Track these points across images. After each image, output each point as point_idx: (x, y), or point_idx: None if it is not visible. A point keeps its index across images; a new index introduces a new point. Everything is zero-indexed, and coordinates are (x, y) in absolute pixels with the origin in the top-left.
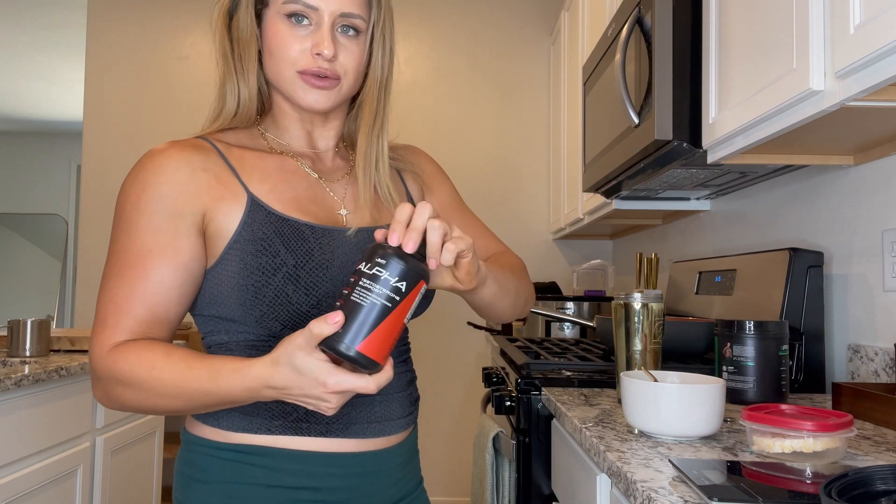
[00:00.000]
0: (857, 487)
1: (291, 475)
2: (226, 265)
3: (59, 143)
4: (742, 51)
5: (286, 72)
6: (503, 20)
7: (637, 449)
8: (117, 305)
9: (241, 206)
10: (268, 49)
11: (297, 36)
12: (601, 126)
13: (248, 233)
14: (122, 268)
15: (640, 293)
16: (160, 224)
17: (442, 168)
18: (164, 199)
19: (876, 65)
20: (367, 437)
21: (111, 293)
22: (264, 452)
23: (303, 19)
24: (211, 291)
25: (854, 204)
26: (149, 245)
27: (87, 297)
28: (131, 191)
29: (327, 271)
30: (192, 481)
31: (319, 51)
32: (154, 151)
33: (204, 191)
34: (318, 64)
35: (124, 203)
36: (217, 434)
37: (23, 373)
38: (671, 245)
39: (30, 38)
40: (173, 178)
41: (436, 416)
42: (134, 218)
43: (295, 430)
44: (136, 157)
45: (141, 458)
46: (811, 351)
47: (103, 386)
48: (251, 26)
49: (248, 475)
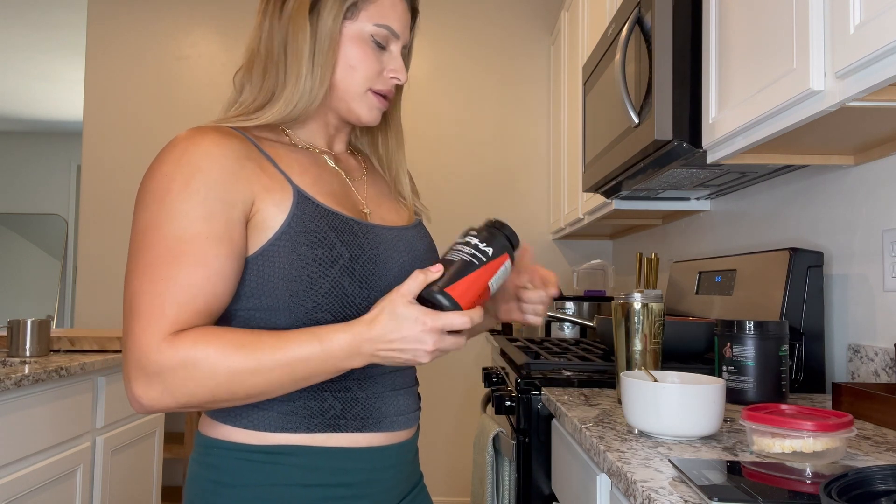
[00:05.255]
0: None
1: (327, 473)
2: (274, 255)
3: (59, 143)
4: (742, 51)
5: (359, 88)
6: (503, 20)
7: (637, 449)
8: (174, 295)
9: (289, 198)
10: (349, 62)
11: (377, 58)
12: (601, 126)
13: (298, 224)
14: (176, 255)
15: (640, 293)
16: (214, 210)
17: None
18: (216, 185)
19: (876, 65)
20: (395, 430)
21: (164, 282)
22: (301, 452)
23: (384, 45)
24: (254, 281)
25: (854, 204)
26: (204, 232)
27: (87, 297)
28: (176, 175)
29: (376, 266)
30: (221, 486)
31: (397, 76)
32: (195, 135)
33: (253, 179)
34: (389, 86)
35: (167, 187)
36: (249, 436)
37: (23, 373)
38: (671, 245)
39: (30, 38)
40: (223, 165)
41: (436, 416)
42: (183, 203)
43: (333, 426)
44: (136, 157)
45: (141, 458)
46: (811, 351)
47: (165, 380)
48: (338, 34)
49: (283, 476)
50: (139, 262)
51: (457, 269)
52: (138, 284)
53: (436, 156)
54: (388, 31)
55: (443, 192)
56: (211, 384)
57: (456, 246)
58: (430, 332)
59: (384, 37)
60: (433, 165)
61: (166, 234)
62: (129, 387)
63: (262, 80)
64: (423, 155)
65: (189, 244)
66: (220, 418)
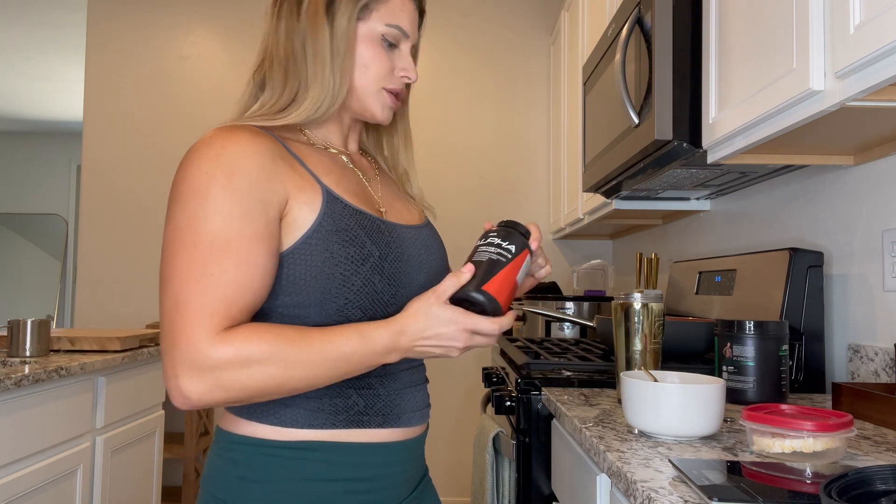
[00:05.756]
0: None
1: (349, 468)
2: (305, 254)
3: (59, 143)
4: (742, 51)
5: (373, 87)
6: (503, 20)
7: (637, 449)
8: (224, 292)
9: (319, 197)
10: (363, 62)
11: (389, 57)
12: (601, 126)
13: (329, 223)
14: (221, 252)
15: (640, 293)
16: (254, 208)
17: None
18: (255, 183)
19: (876, 65)
20: (412, 426)
21: (212, 279)
22: (324, 447)
23: (394, 44)
24: (286, 278)
25: (854, 204)
26: (247, 230)
27: (87, 297)
28: (215, 172)
29: (402, 264)
30: (245, 481)
31: (407, 75)
32: (230, 133)
33: (287, 178)
34: (401, 85)
35: (208, 184)
36: (274, 432)
37: (23, 373)
38: (671, 245)
39: (30, 38)
40: (260, 163)
41: (436, 415)
42: (225, 200)
43: (357, 422)
44: (136, 157)
45: (141, 458)
46: (811, 351)
47: (218, 376)
48: (353, 34)
49: (307, 471)
50: (181, 258)
51: (487, 267)
52: (183, 281)
53: (435, 155)
54: (398, 31)
55: (443, 191)
56: (264, 378)
57: (479, 248)
58: (463, 331)
59: (395, 36)
60: (433, 165)
61: (209, 231)
62: (175, 383)
63: (283, 81)
64: (423, 155)
65: (234, 242)
66: (244, 415)
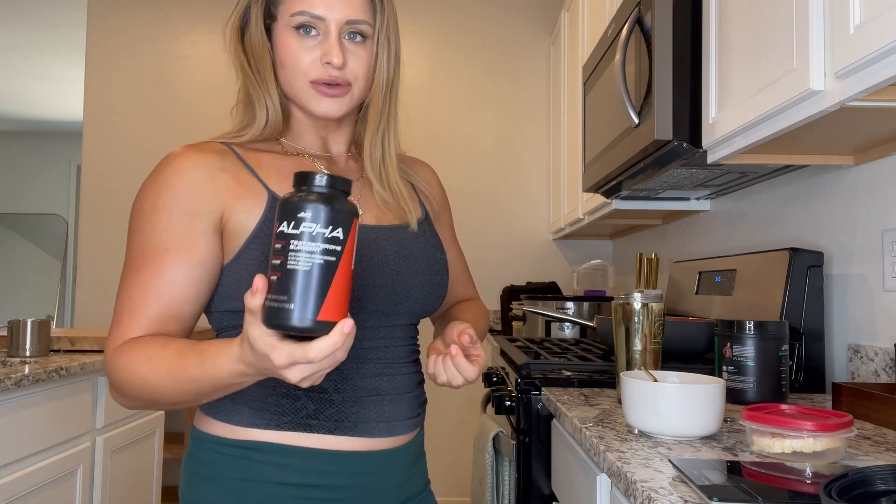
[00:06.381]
0: (857, 487)
1: (299, 472)
2: (245, 260)
3: (59, 143)
4: (742, 51)
5: (299, 83)
6: (503, 20)
7: (637, 449)
8: (132, 304)
9: (262, 204)
10: (280, 62)
11: (306, 47)
12: (601, 126)
13: (268, 228)
14: (138, 267)
15: (640, 293)
16: (177, 223)
17: (445, 192)
18: (181, 198)
19: (876, 65)
20: (375, 437)
21: (127, 292)
22: (273, 449)
23: (310, 30)
24: (229, 286)
25: (854, 204)
26: (165, 244)
27: (87, 297)
28: (150, 193)
29: (354, 265)
30: (198, 478)
31: (329, 59)
32: (172, 155)
33: (223, 190)
34: (328, 73)
35: (142, 204)
36: (226, 430)
37: (23, 373)
38: (671, 245)
39: (30, 38)
40: (191, 179)
41: (436, 416)
42: (151, 218)
43: (304, 426)
44: (136, 157)
45: (141, 458)
46: (811, 351)
47: (113, 384)
48: (262, 41)
49: (256, 472)
50: (122, 273)
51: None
52: (118, 293)
53: (435, 156)
54: (306, 16)
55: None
56: (139, 390)
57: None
58: (285, 368)
59: (304, 23)
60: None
61: (137, 247)
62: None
63: (245, 102)
64: (422, 155)
65: (152, 256)
66: (205, 411)
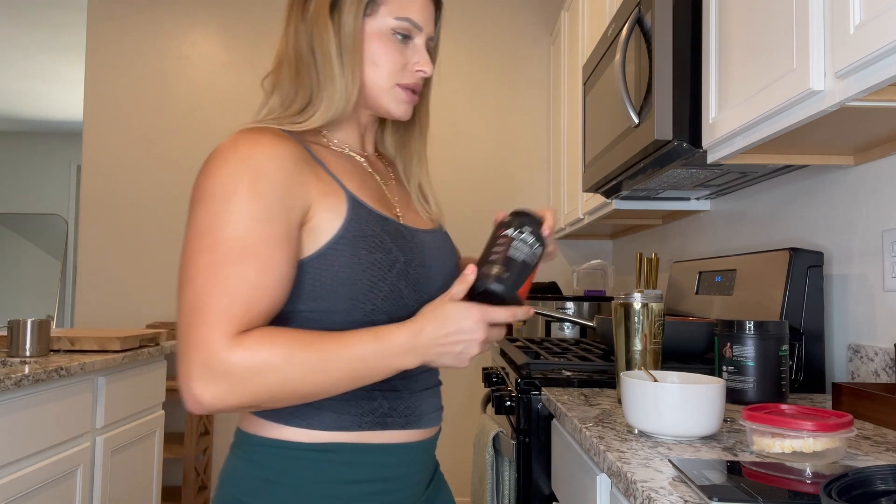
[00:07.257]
0: (857, 487)
1: (370, 468)
2: (332, 259)
3: (59, 143)
4: (742, 51)
5: (386, 83)
6: (503, 20)
7: (637, 449)
8: (242, 295)
9: (343, 203)
10: (372, 59)
11: (401, 51)
12: (601, 126)
13: (355, 229)
14: (242, 256)
15: (640, 293)
16: (277, 214)
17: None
18: (279, 188)
19: (876, 65)
20: (431, 427)
21: (231, 282)
22: (349, 449)
23: (408, 38)
24: (312, 285)
25: (854, 204)
26: (267, 235)
27: (87, 297)
28: (241, 175)
29: (425, 269)
30: (271, 484)
31: (422, 68)
32: (255, 136)
33: (311, 184)
34: (416, 80)
35: (234, 188)
36: (302, 434)
37: (23, 373)
38: (671, 245)
39: (30, 38)
40: (284, 168)
41: None
42: (249, 204)
43: (381, 424)
44: (136, 157)
45: (141, 458)
46: (811, 351)
47: (231, 380)
48: (360, 31)
49: (330, 473)
50: (201, 260)
51: (524, 268)
52: (202, 283)
53: (435, 155)
54: (409, 24)
55: (442, 191)
56: (277, 383)
57: (515, 243)
58: (481, 322)
59: (406, 29)
60: (432, 166)
61: (231, 234)
62: (188, 385)
63: (294, 84)
64: None
65: (255, 246)
66: (269, 417)
